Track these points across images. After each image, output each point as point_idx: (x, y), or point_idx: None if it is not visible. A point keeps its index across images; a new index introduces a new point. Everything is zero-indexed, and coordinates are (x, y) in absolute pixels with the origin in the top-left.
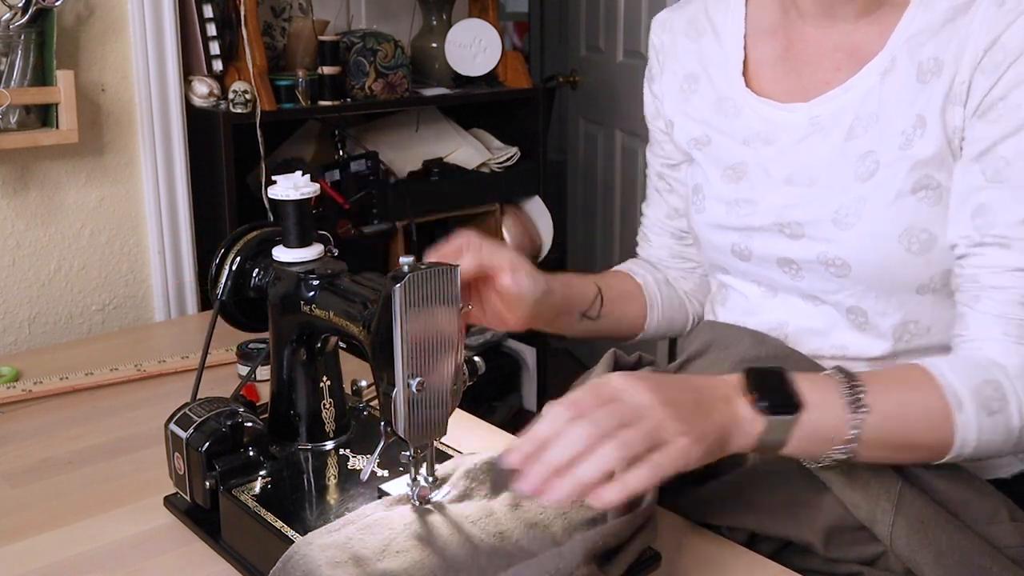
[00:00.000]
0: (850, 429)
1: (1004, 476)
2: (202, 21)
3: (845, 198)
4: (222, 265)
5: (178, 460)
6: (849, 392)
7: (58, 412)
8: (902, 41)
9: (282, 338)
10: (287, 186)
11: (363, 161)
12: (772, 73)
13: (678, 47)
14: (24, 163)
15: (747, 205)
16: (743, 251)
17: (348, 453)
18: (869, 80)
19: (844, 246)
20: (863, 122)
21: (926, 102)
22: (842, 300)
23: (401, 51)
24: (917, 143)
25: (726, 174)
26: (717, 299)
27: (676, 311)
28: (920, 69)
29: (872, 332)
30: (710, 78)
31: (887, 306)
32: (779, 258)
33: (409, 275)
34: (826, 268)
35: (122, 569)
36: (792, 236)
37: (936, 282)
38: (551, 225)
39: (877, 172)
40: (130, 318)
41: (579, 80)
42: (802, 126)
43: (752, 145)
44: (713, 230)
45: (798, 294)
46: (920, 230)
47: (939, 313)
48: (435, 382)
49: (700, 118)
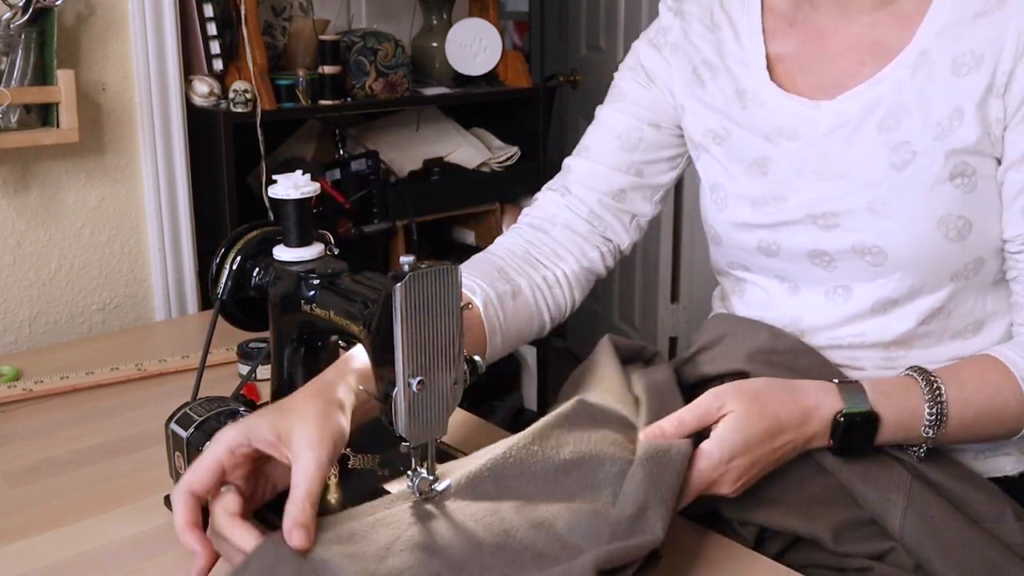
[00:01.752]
0: (927, 441)
1: (1011, 474)
2: (202, 20)
3: (880, 188)
4: (222, 264)
5: (179, 459)
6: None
7: (58, 412)
8: (931, 35)
9: (282, 337)
10: (287, 185)
11: (363, 160)
12: (790, 68)
13: (693, 33)
14: (24, 163)
15: (776, 202)
16: (770, 247)
17: (348, 453)
18: (899, 73)
19: (881, 234)
20: (895, 115)
21: (965, 94)
22: (873, 290)
23: (401, 50)
24: (955, 133)
25: (750, 171)
26: (733, 293)
27: (525, 324)
28: (955, 63)
29: (895, 316)
30: (728, 69)
31: (919, 294)
32: (811, 251)
33: (409, 274)
34: (861, 257)
35: (122, 569)
36: (825, 227)
37: (970, 269)
38: None
39: (913, 161)
40: (130, 317)
41: (579, 80)
42: (828, 120)
43: (774, 140)
44: (737, 229)
45: (823, 290)
46: (957, 217)
47: (962, 299)
48: (435, 382)
49: (718, 108)
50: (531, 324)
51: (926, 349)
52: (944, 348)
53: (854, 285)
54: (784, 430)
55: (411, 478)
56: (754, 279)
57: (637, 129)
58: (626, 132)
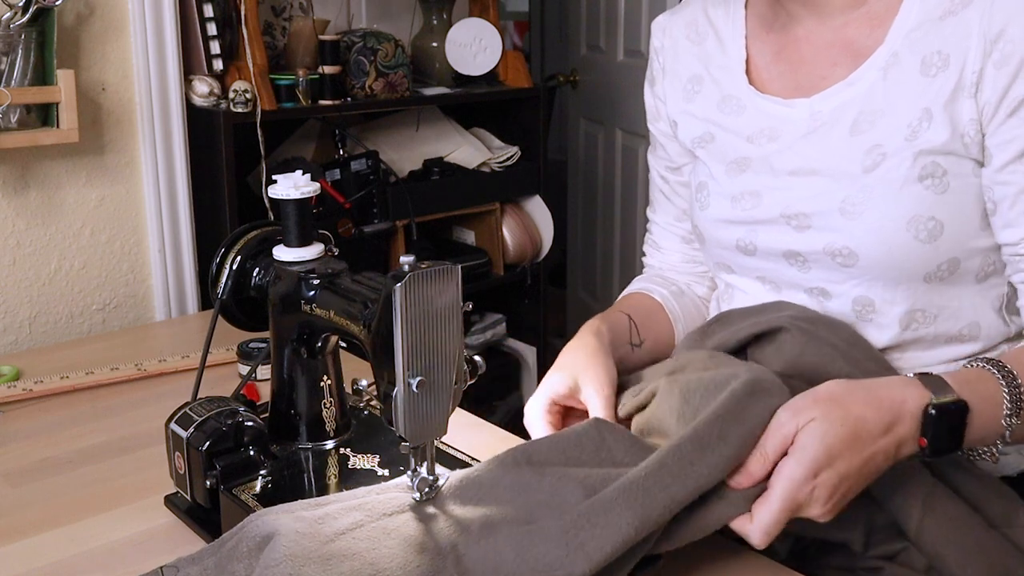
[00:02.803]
0: (1006, 431)
1: (1010, 474)
2: (202, 20)
3: (851, 189)
4: (222, 265)
5: (179, 459)
6: (1008, 395)
7: (58, 412)
8: (902, 35)
9: (282, 337)
10: (287, 185)
11: (363, 160)
12: (771, 72)
13: (680, 50)
14: (24, 162)
15: (752, 198)
16: (748, 246)
17: (348, 452)
18: (871, 75)
19: (851, 235)
20: (868, 117)
21: (934, 95)
22: (848, 291)
23: (401, 50)
24: (923, 135)
25: (730, 168)
26: (724, 299)
27: (695, 321)
28: (924, 63)
29: (878, 322)
30: (714, 79)
31: (894, 295)
32: (785, 251)
33: (409, 275)
34: (833, 259)
35: (122, 569)
36: (798, 228)
37: (944, 271)
38: (551, 225)
39: (883, 162)
40: (130, 317)
41: (579, 79)
42: (804, 121)
43: (756, 142)
44: (718, 225)
45: (803, 290)
46: (927, 218)
47: (945, 301)
48: (435, 382)
49: (704, 117)
50: (701, 319)
51: (920, 352)
52: (940, 352)
53: (829, 287)
54: (872, 434)
55: (411, 478)
56: (739, 282)
57: (665, 180)
58: (661, 183)
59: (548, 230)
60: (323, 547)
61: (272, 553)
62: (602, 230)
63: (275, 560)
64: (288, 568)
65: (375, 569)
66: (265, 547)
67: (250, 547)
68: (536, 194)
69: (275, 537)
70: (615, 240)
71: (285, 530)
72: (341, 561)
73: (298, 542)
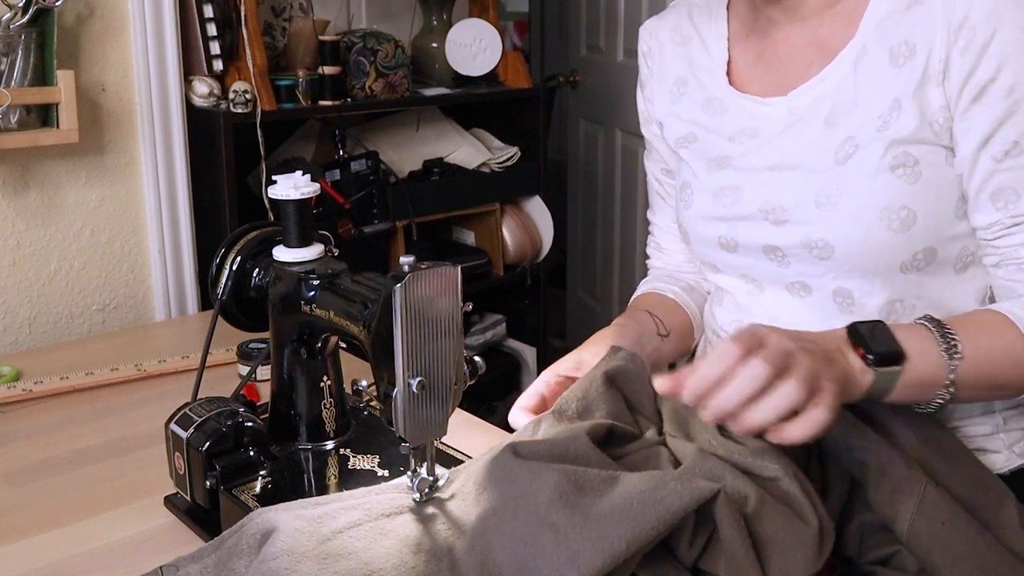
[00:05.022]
0: (948, 375)
1: (1002, 472)
2: (202, 21)
3: (826, 181)
4: (222, 265)
5: (178, 460)
6: (943, 340)
7: (58, 412)
8: (871, 28)
9: (282, 338)
10: (287, 186)
11: (363, 161)
12: (751, 74)
13: (666, 53)
14: (24, 163)
15: (732, 193)
16: (729, 242)
17: (348, 453)
18: (842, 69)
19: (826, 227)
20: (841, 109)
21: (902, 85)
22: (827, 283)
23: (401, 51)
24: (893, 124)
25: (711, 165)
26: (714, 300)
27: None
28: (892, 53)
29: (859, 314)
30: (699, 81)
31: (872, 286)
32: (764, 246)
33: (409, 275)
34: (810, 252)
35: (122, 569)
36: (776, 222)
37: (920, 260)
38: (551, 225)
39: (855, 154)
40: (130, 318)
41: (579, 80)
42: (782, 118)
43: (738, 140)
44: (701, 222)
45: (784, 286)
46: (900, 207)
47: (924, 291)
48: (435, 382)
49: (689, 118)
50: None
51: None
52: None
53: (809, 281)
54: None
55: (411, 479)
56: (724, 282)
57: (661, 183)
58: (657, 186)
59: (548, 230)
60: (320, 545)
61: (270, 548)
62: (602, 230)
63: (272, 554)
64: (284, 563)
65: (370, 568)
66: (265, 543)
67: (250, 544)
68: (536, 194)
69: (274, 533)
70: (615, 240)
71: (284, 526)
72: (337, 559)
73: (296, 539)
